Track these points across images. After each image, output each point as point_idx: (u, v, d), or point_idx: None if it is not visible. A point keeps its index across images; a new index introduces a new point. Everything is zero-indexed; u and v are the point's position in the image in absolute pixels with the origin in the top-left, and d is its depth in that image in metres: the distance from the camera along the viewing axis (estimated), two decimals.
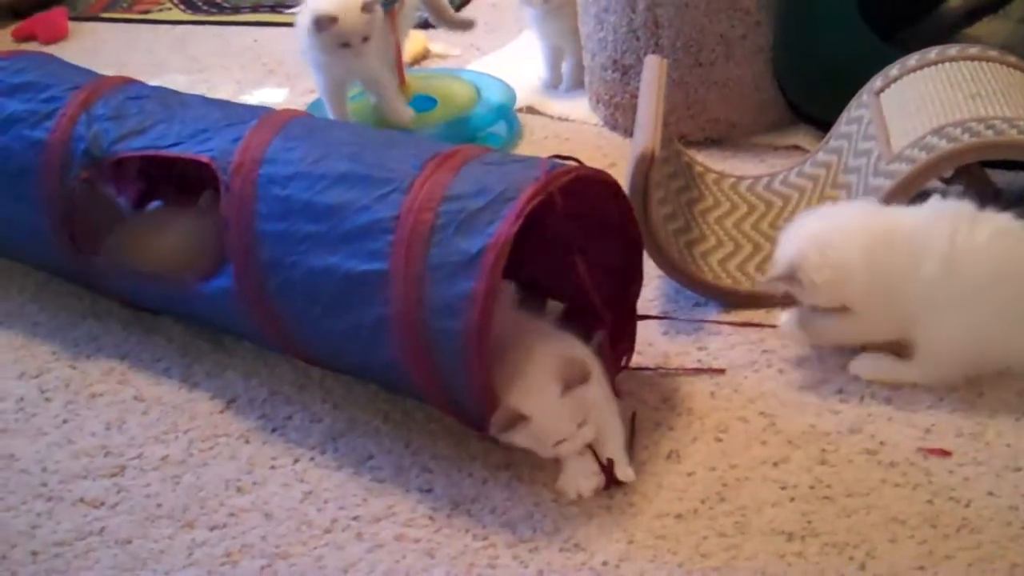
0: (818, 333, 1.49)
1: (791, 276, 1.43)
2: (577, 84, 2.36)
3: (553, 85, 2.42)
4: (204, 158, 1.53)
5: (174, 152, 1.58)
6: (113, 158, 1.65)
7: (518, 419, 1.29)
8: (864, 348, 1.49)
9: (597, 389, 1.35)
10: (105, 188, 1.82)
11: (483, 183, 1.30)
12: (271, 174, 1.45)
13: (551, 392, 1.30)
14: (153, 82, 1.83)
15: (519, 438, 1.31)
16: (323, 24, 2.01)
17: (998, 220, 1.42)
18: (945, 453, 1.35)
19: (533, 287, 1.54)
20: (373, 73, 2.16)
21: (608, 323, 1.45)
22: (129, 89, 1.73)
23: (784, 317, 1.52)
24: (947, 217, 1.41)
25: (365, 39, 2.05)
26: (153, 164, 1.81)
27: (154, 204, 1.89)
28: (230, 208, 1.48)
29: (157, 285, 1.66)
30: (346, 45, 2.03)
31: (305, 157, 1.44)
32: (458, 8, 2.99)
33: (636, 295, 1.49)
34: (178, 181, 1.84)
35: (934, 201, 1.46)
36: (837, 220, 1.47)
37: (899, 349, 1.46)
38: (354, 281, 1.35)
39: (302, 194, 1.41)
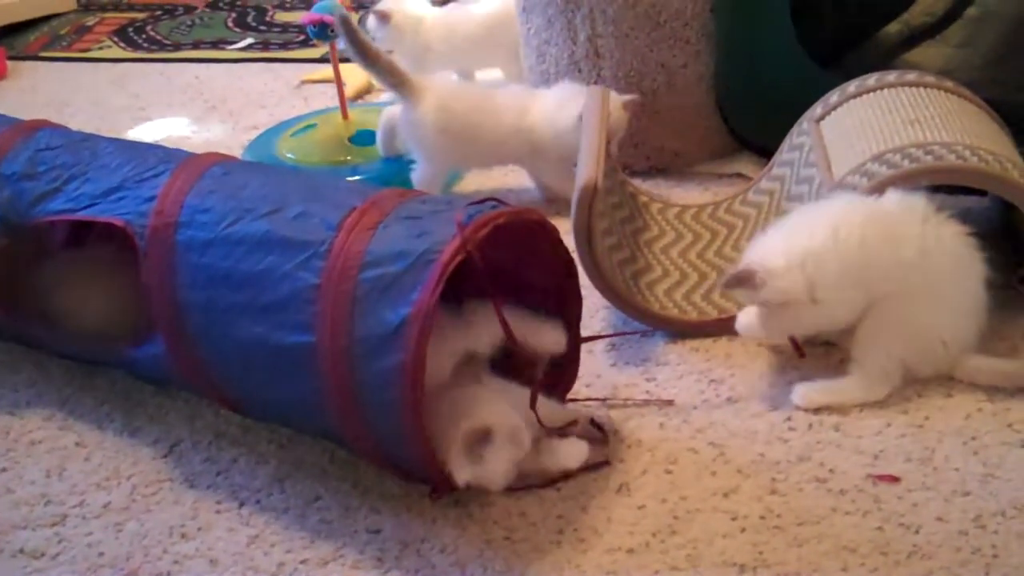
0: (776, 327, 1.49)
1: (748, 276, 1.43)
2: None
3: None
4: (119, 222, 1.50)
5: (90, 215, 1.55)
6: (31, 223, 1.61)
7: (483, 433, 1.30)
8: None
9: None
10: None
11: (401, 245, 1.29)
12: (188, 240, 1.43)
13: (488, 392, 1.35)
14: (96, 123, 1.79)
15: (492, 462, 1.31)
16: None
17: (953, 223, 1.46)
18: (894, 479, 1.35)
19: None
20: None
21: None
22: (38, 139, 1.67)
23: (741, 317, 1.52)
24: (918, 208, 1.45)
25: None
26: None
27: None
28: (150, 276, 1.46)
29: (91, 349, 1.65)
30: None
31: (221, 220, 1.41)
32: None
33: (578, 315, 1.48)
34: None
35: (894, 193, 1.48)
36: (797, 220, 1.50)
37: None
38: (284, 353, 1.34)
39: (221, 262, 1.39)
